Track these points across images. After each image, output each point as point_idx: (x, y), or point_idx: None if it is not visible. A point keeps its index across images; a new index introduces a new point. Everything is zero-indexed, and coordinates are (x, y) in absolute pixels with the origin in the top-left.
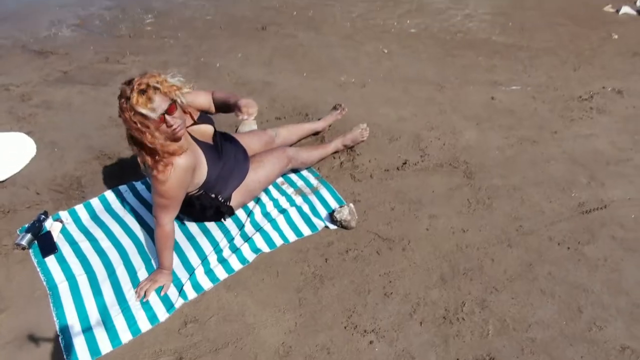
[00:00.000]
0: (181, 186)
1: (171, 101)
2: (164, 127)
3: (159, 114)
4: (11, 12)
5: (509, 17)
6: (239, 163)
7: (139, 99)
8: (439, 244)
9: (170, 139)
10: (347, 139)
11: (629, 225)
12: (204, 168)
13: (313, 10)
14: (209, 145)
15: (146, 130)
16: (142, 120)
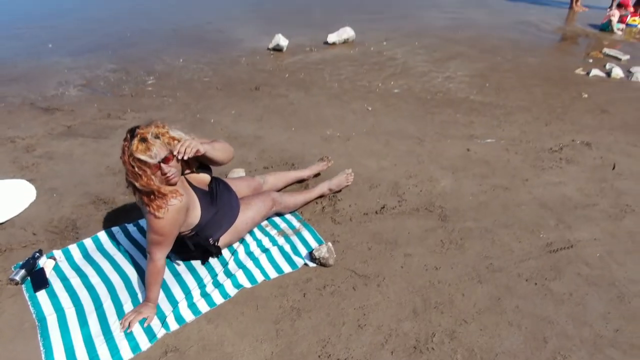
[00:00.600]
0: (174, 225)
1: (169, 152)
2: (159, 174)
3: (155, 161)
4: (23, 73)
5: (486, 79)
6: (233, 209)
7: (138, 146)
8: (412, 280)
9: (164, 183)
10: (333, 184)
11: (594, 263)
12: (197, 211)
13: (304, 73)
14: (204, 191)
15: (142, 174)
16: (139, 165)
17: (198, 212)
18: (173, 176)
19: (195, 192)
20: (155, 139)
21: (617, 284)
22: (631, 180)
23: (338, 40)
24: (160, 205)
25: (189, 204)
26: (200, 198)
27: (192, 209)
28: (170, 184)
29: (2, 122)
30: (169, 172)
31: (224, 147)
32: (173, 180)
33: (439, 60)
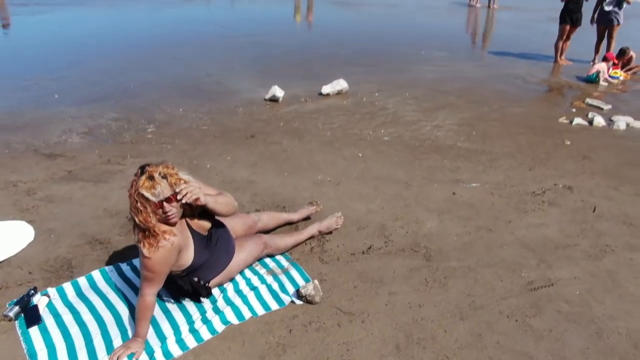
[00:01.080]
0: (164, 264)
1: (173, 192)
2: (160, 212)
3: (157, 200)
4: (28, 122)
5: (473, 127)
6: (228, 255)
7: (145, 183)
8: (396, 317)
9: (163, 222)
10: (323, 226)
11: (573, 300)
12: (190, 254)
13: (298, 121)
14: (201, 235)
15: (143, 210)
16: (142, 201)
17: (191, 255)
18: (173, 216)
19: (193, 235)
20: (162, 179)
21: (596, 321)
22: (611, 222)
23: (332, 92)
24: (152, 243)
25: (182, 246)
26: (196, 242)
27: (185, 252)
28: (169, 223)
29: (6, 167)
30: (170, 212)
31: (227, 201)
32: (172, 220)
33: (428, 110)
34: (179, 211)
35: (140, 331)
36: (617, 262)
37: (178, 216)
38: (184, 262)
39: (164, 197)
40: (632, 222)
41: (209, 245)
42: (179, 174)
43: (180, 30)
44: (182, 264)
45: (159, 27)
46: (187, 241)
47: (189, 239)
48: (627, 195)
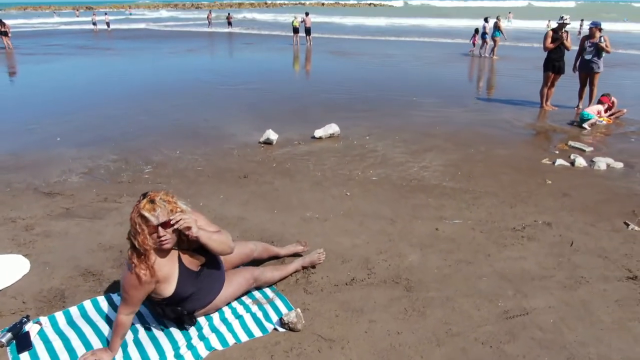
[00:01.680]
0: (135, 288)
1: (169, 218)
2: (155, 235)
3: (156, 222)
4: (30, 162)
5: (459, 168)
6: (214, 291)
7: (146, 205)
8: (375, 344)
9: (157, 246)
10: (306, 261)
11: (547, 328)
12: (172, 285)
13: (290, 163)
14: (191, 271)
15: (141, 232)
16: (142, 222)
17: (172, 287)
18: (166, 242)
19: (181, 269)
20: (162, 202)
21: (568, 347)
22: (587, 255)
23: (324, 135)
24: (142, 267)
25: (164, 278)
26: (182, 276)
27: (166, 283)
28: (161, 248)
29: (6, 205)
30: (164, 237)
31: (222, 240)
32: (165, 246)
33: (416, 152)
34: (172, 238)
35: (112, 345)
36: (591, 293)
37: (171, 243)
38: (163, 293)
39: (161, 222)
40: (607, 256)
41: (197, 280)
42: (178, 203)
43: (181, 78)
44: (161, 294)
45: (161, 75)
46: (171, 273)
47: (174, 272)
48: (603, 231)
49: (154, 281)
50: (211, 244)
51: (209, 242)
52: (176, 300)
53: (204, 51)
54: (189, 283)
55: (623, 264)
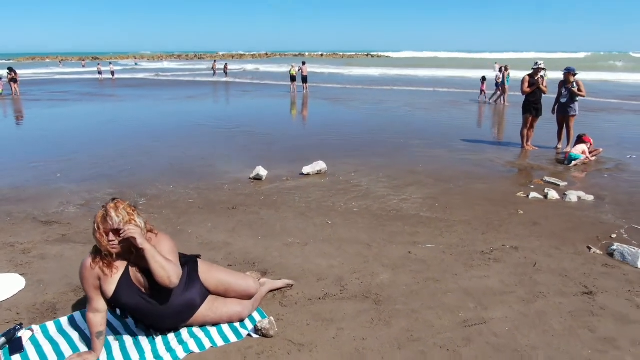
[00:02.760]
0: (83, 279)
1: (119, 228)
2: (105, 238)
3: (110, 226)
4: (30, 195)
5: (437, 200)
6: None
7: (110, 209)
8: (341, 347)
9: (104, 249)
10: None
11: (502, 334)
12: (111, 286)
13: (278, 196)
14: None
15: (98, 230)
16: (100, 222)
17: (112, 288)
18: (113, 247)
19: (124, 276)
20: (123, 211)
21: (519, 350)
22: (548, 274)
23: (312, 172)
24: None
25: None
26: (123, 282)
27: (106, 283)
28: (109, 251)
29: (6, 232)
30: (112, 242)
31: (164, 265)
32: (112, 250)
33: (398, 186)
34: (119, 246)
35: (93, 346)
36: (547, 305)
37: (117, 250)
38: (107, 292)
39: (114, 227)
40: (567, 275)
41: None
42: (136, 217)
43: (180, 122)
44: (105, 292)
45: (161, 119)
46: (113, 275)
47: (116, 276)
48: (566, 254)
49: (95, 274)
50: (153, 263)
51: (151, 259)
52: (118, 304)
53: (202, 98)
54: (131, 294)
55: (581, 281)
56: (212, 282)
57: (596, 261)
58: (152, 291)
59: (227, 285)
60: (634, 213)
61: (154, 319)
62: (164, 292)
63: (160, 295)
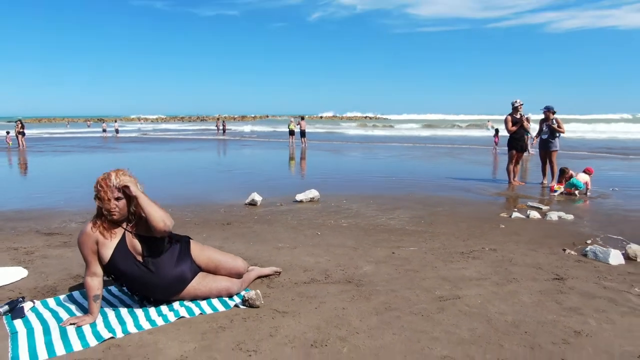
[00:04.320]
0: (82, 244)
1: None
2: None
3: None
4: (34, 216)
5: (423, 218)
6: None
7: (103, 175)
8: (322, 314)
9: (106, 215)
10: (263, 272)
11: (474, 305)
12: (108, 250)
13: (271, 216)
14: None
15: (101, 189)
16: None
17: (109, 253)
18: (114, 212)
19: (121, 242)
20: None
21: (489, 315)
22: (523, 267)
23: (305, 199)
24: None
25: (102, 240)
26: (120, 248)
27: (104, 247)
28: (110, 215)
29: (10, 240)
30: (114, 208)
31: (162, 212)
32: (114, 216)
33: (387, 209)
34: (121, 212)
35: (89, 309)
36: (519, 287)
37: (118, 215)
38: (103, 256)
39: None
40: (541, 267)
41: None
42: (130, 175)
43: (181, 166)
44: (102, 257)
45: (162, 164)
46: (111, 240)
47: (114, 241)
48: (542, 254)
49: (94, 239)
50: (147, 207)
51: (146, 205)
52: (114, 270)
53: (203, 150)
54: (126, 261)
55: (553, 271)
56: (203, 259)
57: (569, 259)
58: (145, 259)
59: (217, 263)
60: (610, 227)
61: (147, 288)
62: (157, 262)
63: (154, 265)
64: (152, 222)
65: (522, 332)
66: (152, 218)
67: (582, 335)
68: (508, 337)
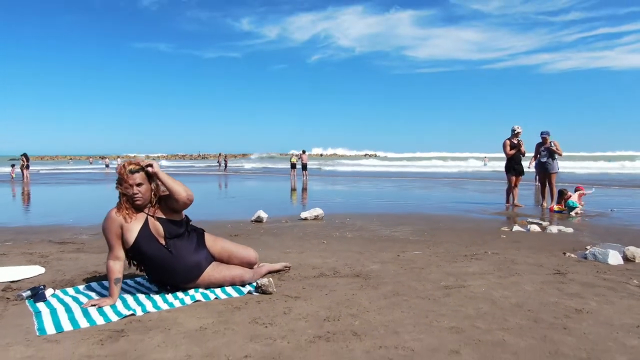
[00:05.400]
0: (107, 229)
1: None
2: (130, 189)
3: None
4: (45, 230)
5: (425, 231)
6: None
7: (127, 164)
8: (333, 298)
9: (129, 201)
10: (273, 268)
11: (478, 292)
12: (132, 234)
13: (277, 230)
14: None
15: (124, 179)
16: (122, 172)
17: (133, 236)
18: (137, 197)
19: (144, 226)
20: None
21: (493, 299)
22: (525, 265)
23: (309, 217)
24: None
25: (127, 226)
26: (144, 232)
27: (128, 232)
28: (134, 202)
29: (24, 248)
30: (137, 193)
31: (184, 186)
32: (135, 197)
33: (390, 225)
34: (144, 196)
35: (110, 291)
36: (521, 279)
37: (141, 200)
38: (128, 239)
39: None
40: (542, 265)
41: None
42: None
43: None
44: (127, 240)
45: None
46: (135, 224)
47: (138, 225)
48: (543, 256)
49: (119, 223)
50: (171, 183)
51: (169, 181)
52: (137, 252)
53: (205, 182)
54: (150, 243)
55: (554, 267)
56: (216, 249)
57: (569, 260)
58: (167, 242)
59: (230, 252)
60: (609, 236)
61: (167, 272)
62: (178, 246)
63: (175, 248)
64: (174, 194)
65: (525, 310)
66: (174, 191)
67: (583, 312)
68: (512, 314)
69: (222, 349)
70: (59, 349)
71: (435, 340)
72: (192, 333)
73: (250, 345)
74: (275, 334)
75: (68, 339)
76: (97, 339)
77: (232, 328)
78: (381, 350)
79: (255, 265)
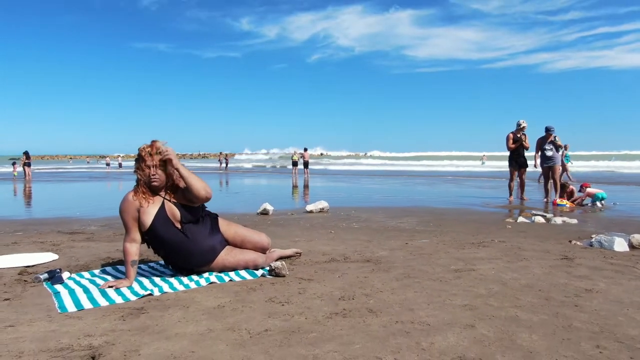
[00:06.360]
0: (124, 211)
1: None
2: (148, 171)
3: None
4: (54, 221)
5: (430, 222)
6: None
7: (145, 145)
8: (346, 280)
9: (146, 181)
10: (285, 253)
11: (488, 274)
12: (149, 217)
13: (284, 221)
14: (169, 219)
15: (143, 162)
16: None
17: (149, 219)
18: (155, 178)
19: (160, 209)
20: (162, 147)
21: (503, 280)
22: (531, 252)
23: (315, 209)
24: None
25: (143, 209)
26: (160, 215)
27: (145, 215)
28: (151, 183)
29: (35, 237)
30: (154, 175)
31: (203, 181)
32: (154, 183)
33: (396, 217)
34: (161, 178)
35: (126, 273)
36: (529, 263)
37: (158, 182)
38: (145, 222)
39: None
40: (549, 251)
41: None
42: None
43: None
44: (143, 223)
45: None
46: (152, 207)
47: (154, 209)
48: (551, 244)
49: (136, 206)
50: (190, 178)
51: (188, 175)
52: (154, 236)
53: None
54: (166, 227)
55: (561, 253)
56: (230, 234)
57: (575, 247)
58: (184, 226)
59: (243, 237)
60: (613, 226)
61: (182, 255)
62: (194, 230)
63: (190, 232)
64: (194, 191)
65: (536, 290)
66: (194, 188)
67: (592, 292)
68: (523, 293)
69: (242, 324)
70: (81, 324)
71: (450, 315)
72: (211, 310)
73: (269, 320)
74: (292, 311)
75: (89, 315)
76: (118, 315)
77: (249, 306)
78: (398, 324)
79: (267, 250)
